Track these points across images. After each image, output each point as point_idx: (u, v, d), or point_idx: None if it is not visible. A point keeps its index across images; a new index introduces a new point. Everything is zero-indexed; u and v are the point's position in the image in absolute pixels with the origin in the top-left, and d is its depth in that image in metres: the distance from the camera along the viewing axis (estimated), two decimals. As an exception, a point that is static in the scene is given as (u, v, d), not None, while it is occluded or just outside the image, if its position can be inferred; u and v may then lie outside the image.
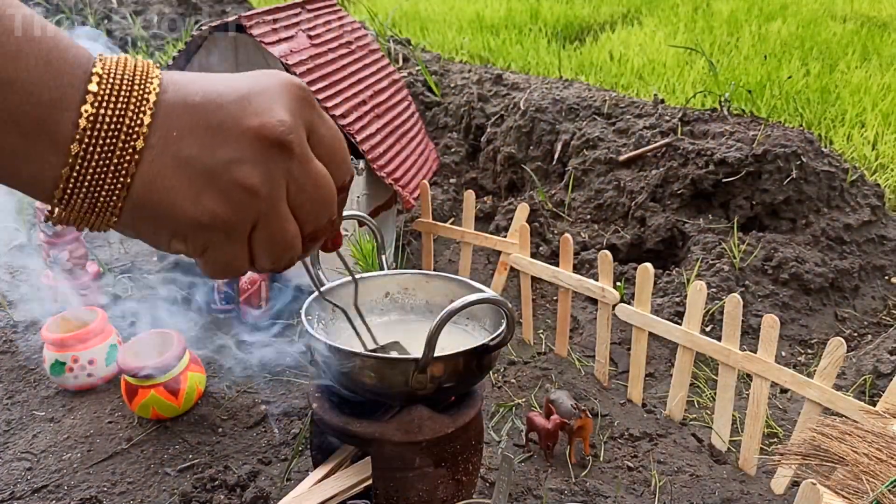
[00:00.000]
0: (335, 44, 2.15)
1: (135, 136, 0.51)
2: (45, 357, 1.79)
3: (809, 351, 2.07)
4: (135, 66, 0.53)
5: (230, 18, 1.90)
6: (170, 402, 1.65)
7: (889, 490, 1.11)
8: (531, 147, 2.84)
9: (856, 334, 2.15)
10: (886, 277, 2.34)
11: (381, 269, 1.58)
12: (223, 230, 0.54)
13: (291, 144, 0.54)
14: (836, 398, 1.44)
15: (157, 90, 0.52)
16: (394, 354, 1.22)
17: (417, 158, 2.31)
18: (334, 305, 1.21)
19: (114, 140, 0.50)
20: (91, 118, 0.49)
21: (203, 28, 1.95)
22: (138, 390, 1.64)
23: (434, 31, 4.86)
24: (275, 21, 1.96)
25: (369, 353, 1.20)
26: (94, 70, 0.51)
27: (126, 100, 0.51)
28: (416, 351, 1.18)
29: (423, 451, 1.19)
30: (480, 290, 1.39)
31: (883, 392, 1.43)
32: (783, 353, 2.04)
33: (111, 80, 0.51)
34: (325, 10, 2.24)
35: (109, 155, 0.50)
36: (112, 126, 0.50)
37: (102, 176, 0.50)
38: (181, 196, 0.52)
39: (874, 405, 1.39)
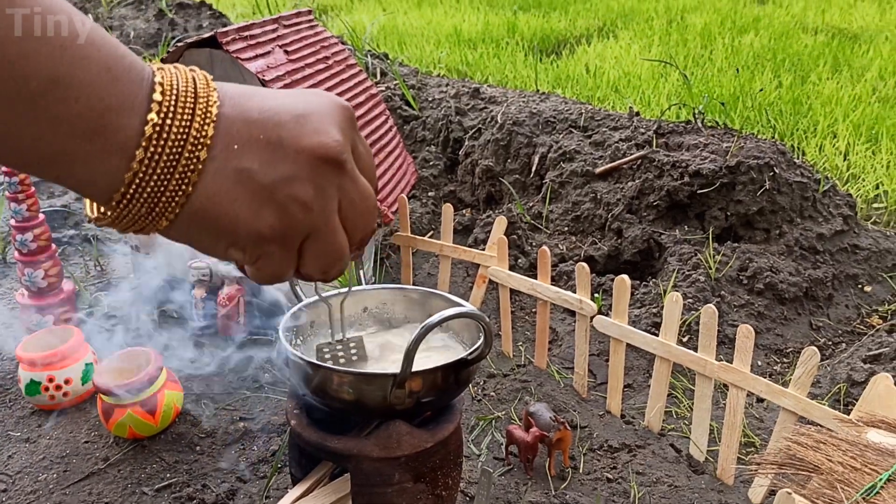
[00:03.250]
0: (312, 59, 2.16)
1: (199, 146, 0.52)
2: (20, 377, 1.77)
3: (785, 360, 2.09)
4: (193, 77, 0.54)
5: (206, 35, 1.90)
6: (147, 420, 1.64)
7: (863, 498, 1.13)
8: (509, 160, 2.86)
9: (830, 343, 2.17)
10: (859, 286, 2.37)
11: (360, 283, 1.58)
12: (279, 242, 0.57)
13: (345, 163, 0.57)
14: (810, 407, 1.46)
15: (218, 102, 0.54)
16: (370, 369, 1.22)
17: (396, 172, 2.32)
18: (321, 298, 1.21)
19: (179, 149, 0.52)
20: (157, 126, 0.51)
21: (179, 44, 1.94)
22: (115, 409, 1.63)
23: (412, 45, 4.88)
24: (251, 37, 1.96)
25: (347, 368, 1.19)
26: (155, 80, 0.52)
27: (191, 110, 0.52)
28: (395, 366, 1.18)
29: (403, 466, 1.19)
30: (459, 304, 1.39)
31: (857, 400, 1.44)
32: (759, 363, 2.06)
33: (175, 91, 0.52)
34: (301, 26, 2.25)
35: (174, 163, 0.52)
36: (178, 135, 0.51)
37: (165, 182, 0.52)
38: (242, 208, 0.54)
39: (849, 413, 1.41)
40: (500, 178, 2.84)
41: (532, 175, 2.80)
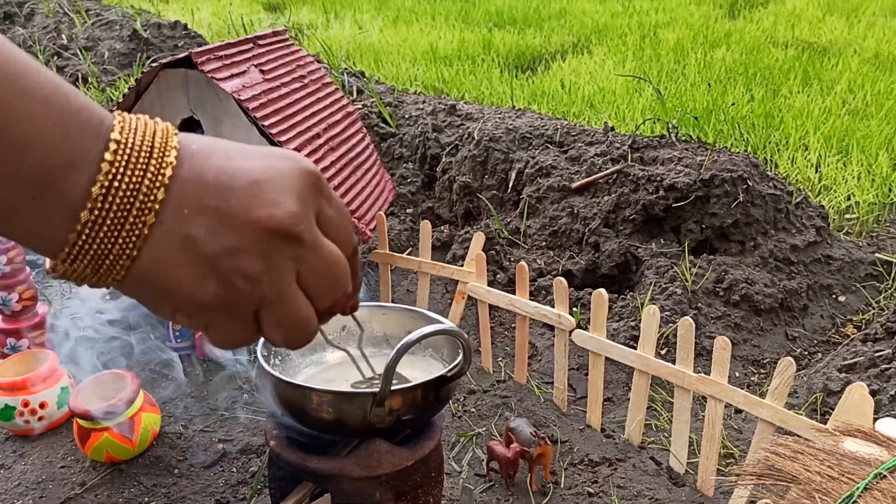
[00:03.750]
0: (288, 78, 2.16)
1: (147, 210, 0.51)
2: (-7, 402, 1.74)
3: (762, 371, 2.11)
4: (154, 132, 0.53)
5: (181, 55, 1.89)
6: (124, 444, 1.62)
7: (840, 506, 1.14)
8: (486, 176, 2.87)
9: (806, 353, 2.19)
10: (833, 296, 2.40)
11: (338, 302, 1.58)
12: (225, 311, 0.55)
13: (299, 234, 0.55)
14: (788, 417, 1.47)
15: (174, 163, 0.52)
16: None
17: (373, 190, 2.32)
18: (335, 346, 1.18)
19: (126, 212, 0.50)
20: (104, 187, 0.49)
21: (154, 65, 1.94)
22: (91, 433, 1.61)
23: (388, 63, 4.89)
24: (226, 56, 1.96)
25: (325, 388, 1.19)
26: (111, 136, 0.51)
27: (143, 171, 0.51)
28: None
29: (383, 485, 1.18)
30: (437, 321, 1.40)
31: (833, 409, 1.46)
32: (736, 374, 2.08)
33: (128, 149, 0.51)
34: (277, 45, 2.25)
35: (119, 226, 0.50)
36: (125, 197, 0.50)
37: (110, 245, 0.50)
38: (186, 275, 0.53)
39: (825, 423, 1.42)
40: (477, 194, 2.85)
41: (509, 191, 2.81)
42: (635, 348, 1.71)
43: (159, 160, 0.52)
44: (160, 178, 0.51)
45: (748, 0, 6.86)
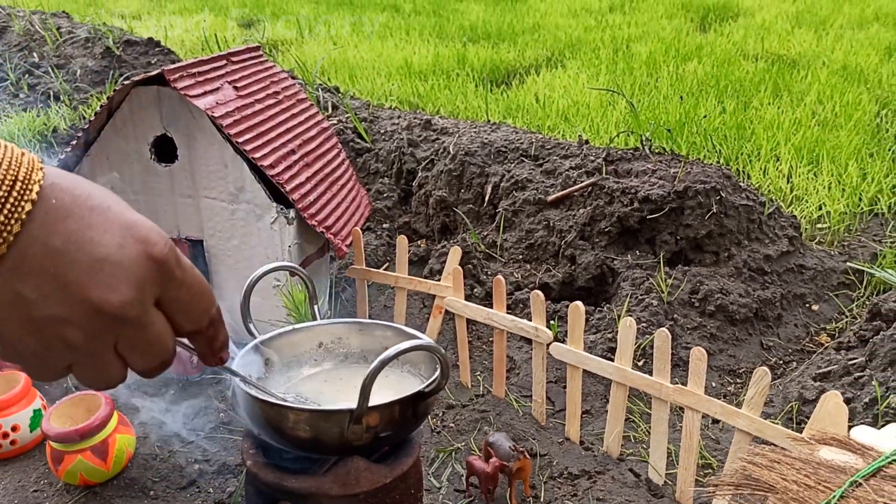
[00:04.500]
0: (262, 94, 2.15)
1: None
2: (-37, 426, 1.71)
3: (738, 380, 2.12)
4: (15, 179, 0.53)
5: (154, 72, 1.88)
6: (98, 466, 1.60)
7: (817, 515, 1.14)
8: (462, 190, 2.88)
9: (781, 362, 2.21)
10: (807, 305, 2.43)
11: (314, 318, 1.57)
12: (36, 364, 0.58)
13: (127, 318, 0.57)
14: (764, 427, 1.48)
15: (23, 219, 0.52)
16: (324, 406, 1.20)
17: (349, 205, 2.32)
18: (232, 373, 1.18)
19: None
20: None
21: (125, 82, 1.93)
22: (64, 456, 1.59)
23: (363, 78, 4.90)
24: (199, 74, 1.95)
25: (303, 406, 1.18)
26: None
27: None
28: (353, 401, 1.17)
29: (362, 503, 1.17)
30: (414, 337, 1.39)
31: (809, 418, 1.47)
32: (713, 384, 2.09)
33: None
34: (251, 62, 2.24)
35: None
36: None
37: None
38: (7, 327, 0.54)
39: (801, 431, 1.43)
40: (453, 209, 2.86)
41: (485, 204, 2.82)
42: (613, 360, 1.72)
43: (12, 212, 0.52)
44: (6, 232, 0.52)
45: (718, 14, 6.96)
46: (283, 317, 1.87)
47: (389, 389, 1.33)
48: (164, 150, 2.00)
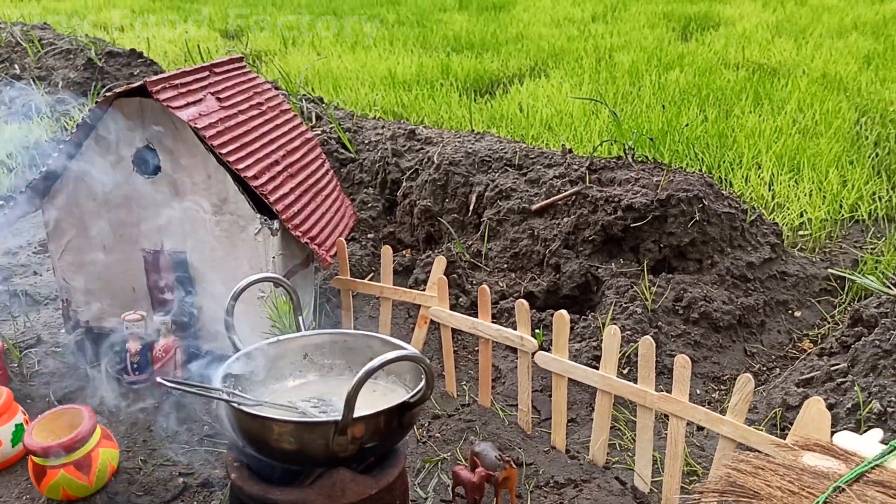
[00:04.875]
0: (245, 105, 2.15)
1: None
2: (-57, 441, 1.69)
3: (722, 387, 2.13)
4: None
5: (136, 83, 1.88)
6: (81, 481, 1.58)
7: (801, 521, 1.15)
8: (447, 199, 2.88)
9: (765, 368, 2.23)
10: (790, 312, 2.45)
11: (299, 329, 1.57)
12: None
13: None
14: (748, 433, 1.49)
15: None
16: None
17: (333, 216, 2.31)
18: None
19: None
20: None
21: (108, 94, 1.92)
22: (47, 471, 1.57)
23: (347, 88, 4.90)
24: (182, 85, 1.95)
25: (287, 418, 1.18)
26: None
27: None
28: (338, 411, 1.17)
29: (347, 514, 1.17)
30: (400, 347, 1.39)
31: (792, 424, 1.48)
32: (697, 391, 2.10)
33: None
34: (234, 73, 2.24)
35: None
36: None
37: None
38: None
39: (785, 437, 1.44)
40: (438, 218, 2.86)
41: (470, 214, 2.83)
42: (598, 369, 1.72)
43: None
44: None
45: (700, 23, 7.02)
46: (268, 328, 1.86)
47: (375, 400, 1.33)
48: (147, 161, 1.99)
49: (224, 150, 1.90)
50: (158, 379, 1.24)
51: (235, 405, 1.19)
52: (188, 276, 2.06)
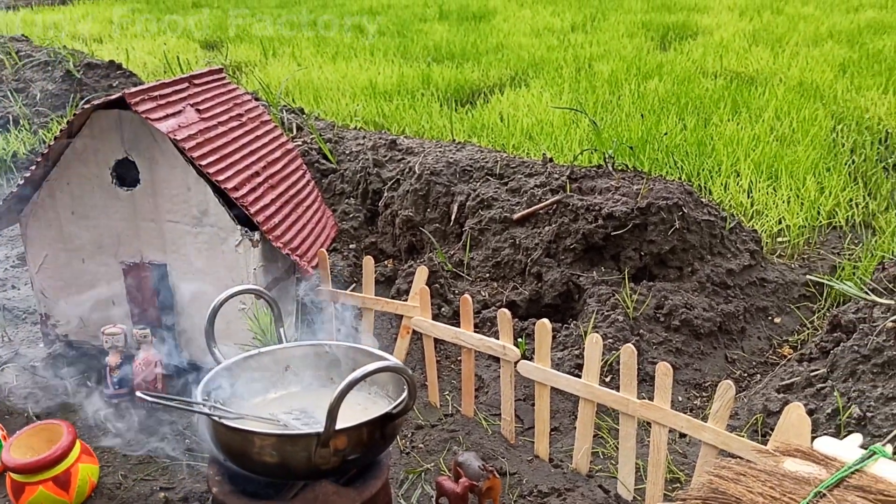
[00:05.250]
0: (225, 117, 2.15)
1: None
2: (-81, 459, 1.67)
3: (704, 394, 2.14)
4: None
5: (114, 95, 1.87)
6: (60, 497, 1.56)
7: (783, 526, 1.15)
8: (428, 209, 2.88)
9: (745, 375, 2.24)
10: (769, 318, 2.46)
11: (280, 341, 1.56)
12: None
13: None
14: (729, 440, 1.49)
15: None
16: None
17: (315, 226, 2.31)
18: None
19: None
20: None
21: (86, 106, 1.91)
22: (25, 487, 1.55)
23: (327, 99, 4.90)
24: (161, 97, 1.94)
25: (269, 431, 1.17)
26: None
27: None
28: (320, 423, 1.16)
29: (330, 527, 1.16)
30: (382, 358, 1.39)
31: (773, 429, 1.49)
32: (679, 398, 2.11)
33: None
34: (213, 84, 2.24)
35: None
36: None
37: None
38: None
39: (766, 443, 1.45)
40: (420, 228, 2.86)
41: (452, 223, 2.83)
42: (580, 377, 1.73)
43: None
44: None
45: (678, 32, 7.09)
46: (249, 340, 1.85)
47: (357, 411, 1.32)
48: (126, 173, 1.98)
49: (204, 162, 1.90)
50: (138, 393, 1.23)
51: (216, 418, 1.19)
52: (168, 289, 2.05)
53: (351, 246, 2.94)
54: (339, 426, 1.14)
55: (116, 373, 2.00)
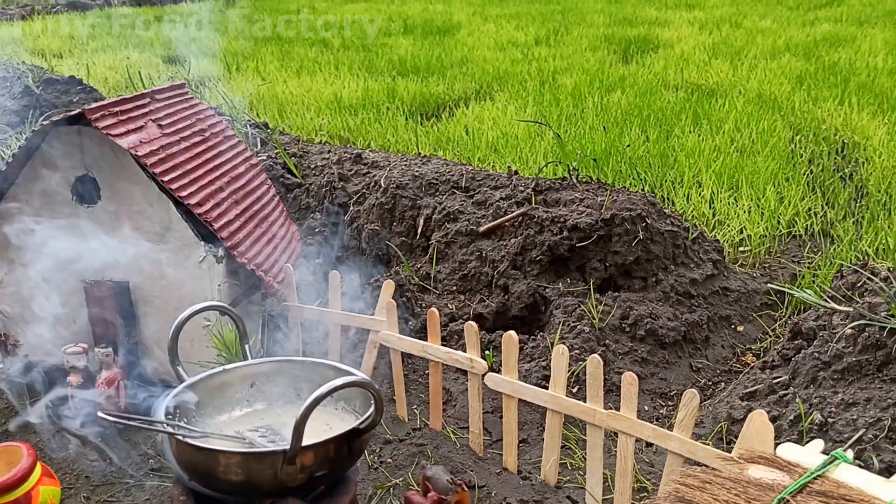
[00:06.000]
0: (188, 132, 2.13)
1: None
2: None
3: (670, 403, 2.16)
4: None
5: (74, 111, 1.85)
6: (20, 521, 1.53)
7: (748, 533, 1.17)
8: (394, 223, 2.88)
9: (710, 383, 2.27)
10: (733, 326, 2.50)
11: (246, 358, 1.55)
12: None
13: None
14: (695, 448, 1.51)
15: None
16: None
17: (280, 242, 2.30)
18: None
19: None
20: None
21: (45, 122, 1.88)
22: (-17, 512, 1.51)
23: (292, 113, 4.88)
24: (122, 112, 1.92)
25: (233, 449, 1.16)
26: None
27: None
28: (286, 440, 1.15)
29: (297, 545, 1.15)
30: (349, 373, 1.38)
31: (738, 437, 1.51)
32: (646, 408, 2.13)
33: None
34: (175, 99, 2.22)
35: None
36: None
37: None
38: None
39: (731, 451, 1.46)
40: (386, 242, 2.86)
41: (418, 237, 2.83)
42: (548, 388, 1.73)
43: None
44: None
45: (640, 46, 7.18)
46: (214, 357, 1.83)
47: (324, 427, 1.32)
48: (87, 190, 1.96)
49: (166, 178, 1.88)
50: (100, 413, 1.21)
51: (180, 437, 1.17)
52: (131, 307, 2.02)
53: (317, 261, 2.92)
54: (305, 442, 1.13)
55: (78, 391, 1.96)
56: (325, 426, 1.34)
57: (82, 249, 1.99)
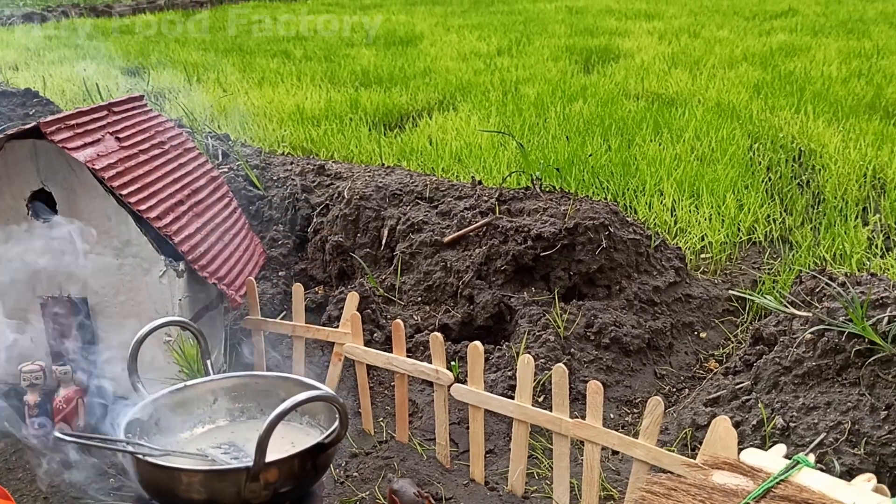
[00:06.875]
0: (147, 145, 2.10)
1: None
2: None
3: (635, 410, 2.17)
4: None
5: (29, 125, 1.81)
6: (-26, 546, 1.48)
7: (713, 539, 1.18)
8: (358, 234, 2.87)
9: (675, 390, 2.29)
10: (696, 333, 2.52)
11: (208, 373, 1.53)
12: None
13: None
14: (660, 455, 1.52)
15: None
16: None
17: (242, 255, 2.27)
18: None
19: None
20: None
21: (-1, 136, 1.84)
22: (-65, 538, 1.47)
23: (254, 125, 4.84)
24: (78, 125, 1.88)
25: (195, 467, 1.14)
26: None
27: None
28: (250, 457, 1.13)
29: (262, 564, 1.14)
30: (313, 387, 1.37)
31: (702, 443, 1.52)
32: (611, 416, 2.14)
33: None
34: (134, 111, 2.19)
35: None
36: None
37: None
38: None
39: (696, 457, 1.47)
40: (350, 253, 2.84)
41: (382, 248, 2.82)
42: (514, 398, 1.73)
43: None
44: None
45: (601, 56, 7.26)
46: (175, 373, 1.80)
47: (288, 443, 1.30)
48: (43, 205, 1.92)
49: (125, 192, 1.85)
50: (56, 433, 1.18)
51: (140, 456, 1.15)
52: (89, 323, 1.98)
53: (280, 273, 2.90)
54: (269, 458, 1.12)
55: (36, 411, 1.92)
56: (290, 442, 1.33)
57: (39, 265, 1.95)
